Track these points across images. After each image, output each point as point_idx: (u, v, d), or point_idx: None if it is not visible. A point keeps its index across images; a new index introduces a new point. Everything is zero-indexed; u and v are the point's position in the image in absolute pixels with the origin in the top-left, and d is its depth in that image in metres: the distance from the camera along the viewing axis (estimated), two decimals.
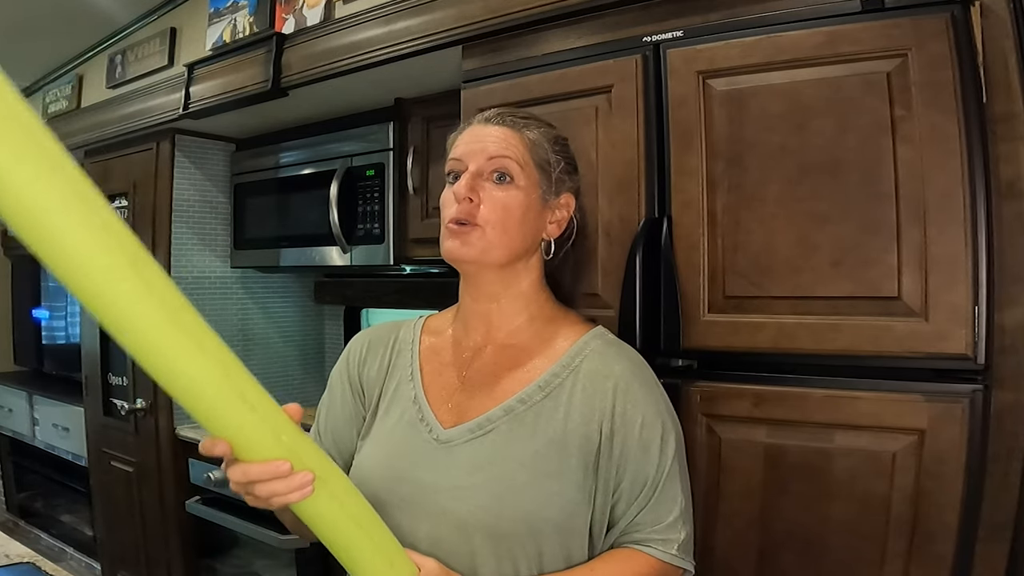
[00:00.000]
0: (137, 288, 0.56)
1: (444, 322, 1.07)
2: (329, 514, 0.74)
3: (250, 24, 2.15)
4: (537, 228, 0.98)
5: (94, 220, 0.53)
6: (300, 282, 2.81)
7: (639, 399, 0.92)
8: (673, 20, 1.27)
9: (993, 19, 1.06)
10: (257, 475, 0.68)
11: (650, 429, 0.92)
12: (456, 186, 0.94)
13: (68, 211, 0.51)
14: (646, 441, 0.91)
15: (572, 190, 1.02)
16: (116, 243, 0.54)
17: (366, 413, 1.03)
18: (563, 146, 1.02)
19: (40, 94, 3.14)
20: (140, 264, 0.56)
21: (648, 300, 1.22)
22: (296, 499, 0.70)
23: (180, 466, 2.41)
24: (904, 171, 1.05)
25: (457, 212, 0.93)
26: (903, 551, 1.05)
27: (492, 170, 0.95)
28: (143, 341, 0.58)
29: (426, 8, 1.62)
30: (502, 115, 0.99)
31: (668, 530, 0.91)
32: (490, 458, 0.90)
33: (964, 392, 1.02)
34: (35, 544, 3.31)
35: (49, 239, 0.51)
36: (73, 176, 0.52)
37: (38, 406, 3.38)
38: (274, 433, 0.68)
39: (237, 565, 2.37)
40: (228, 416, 0.64)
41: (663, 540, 0.91)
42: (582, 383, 0.93)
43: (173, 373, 0.60)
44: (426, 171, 2.01)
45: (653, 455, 0.91)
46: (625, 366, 0.95)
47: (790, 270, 1.13)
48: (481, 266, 0.95)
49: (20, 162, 0.48)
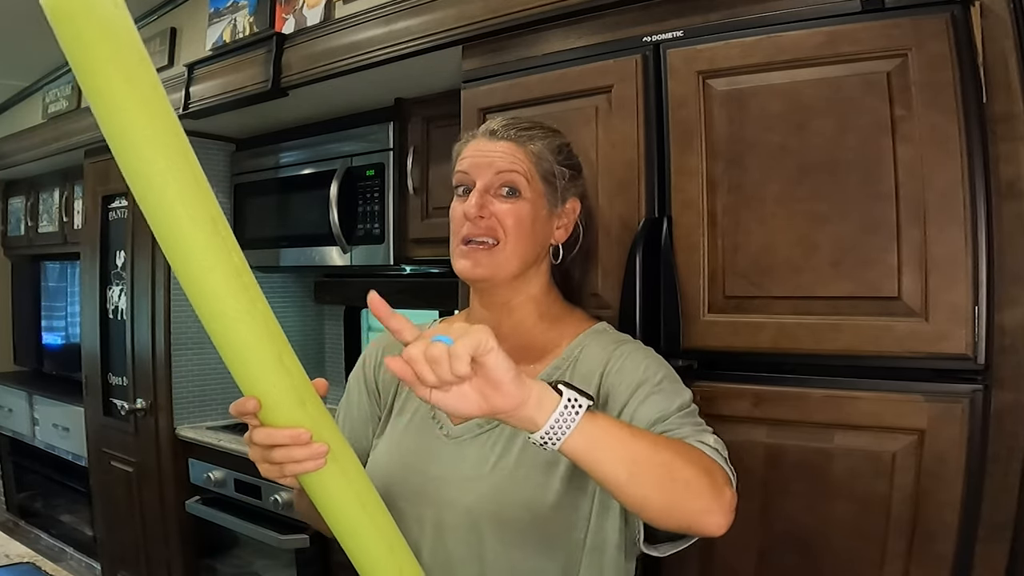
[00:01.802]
0: (213, 241, 0.64)
1: (457, 325, 1.08)
2: (336, 490, 0.76)
3: (250, 24, 2.15)
4: (545, 236, 1.02)
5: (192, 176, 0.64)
6: (300, 282, 2.81)
7: (639, 355, 0.96)
8: (673, 20, 1.27)
9: (993, 19, 1.06)
10: (280, 439, 0.71)
11: (654, 370, 0.93)
12: (466, 205, 0.97)
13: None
14: (651, 377, 0.91)
15: (577, 195, 1.06)
16: (205, 197, 0.65)
17: (381, 414, 1.07)
18: (567, 154, 1.04)
19: (40, 94, 3.14)
20: (218, 222, 0.65)
21: (648, 300, 1.22)
22: (310, 468, 0.72)
23: (180, 466, 2.41)
24: (904, 171, 1.05)
25: (468, 231, 0.96)
26: (903, 551, 1.05)
27: (500, 184, 0.97)
28: (206, 290, 0.65)
29: (426, 8, 1.62)
30: (507, 128, 1.00)
31: (702, 434, 0.86)
32: (495, 451, 0.94)
33: (964, 392, 1.02)
34: (35, 544, 3.31)
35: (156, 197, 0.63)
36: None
37: (38, 406, 3.38)
38: (300, 400, 0.71)
39: (237, 565, 2.37)
40: (265, 375, 0.69)
41: (696, 436, 0.85)
42: (580, 369, 0.97)
43: (224, 324, 0.66)
44: (426, 171, 2.01)
45: (662, 385, 0.91)
46: (621, 345, 0.98)
47: (790, 270, 1.13)
48: (495, 281, 0.99)
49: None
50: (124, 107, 0.61)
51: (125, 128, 0.61)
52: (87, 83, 0.61)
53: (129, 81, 0.61)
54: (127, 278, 2.58)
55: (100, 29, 0.60)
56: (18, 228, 3.67)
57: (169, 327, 2.43)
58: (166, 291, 2.43)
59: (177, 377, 2.46)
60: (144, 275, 2.48)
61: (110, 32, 0.60)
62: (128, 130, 0.61)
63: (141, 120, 0.61)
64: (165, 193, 0.63)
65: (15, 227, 3.71)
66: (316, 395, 0.74)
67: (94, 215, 2.74)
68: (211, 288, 0.65)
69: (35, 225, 3.52)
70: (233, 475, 2.24)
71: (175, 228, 0.63)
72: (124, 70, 0.61)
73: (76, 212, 3.13)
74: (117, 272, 2.65)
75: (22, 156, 3.20)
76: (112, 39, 0.61)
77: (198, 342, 2.51)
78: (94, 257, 2.75)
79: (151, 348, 2.46)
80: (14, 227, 3.72)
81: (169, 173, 0.63)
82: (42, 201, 3.47)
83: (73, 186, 3.17)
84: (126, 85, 0.61)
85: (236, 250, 0.67)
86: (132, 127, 0.61)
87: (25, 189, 3.58)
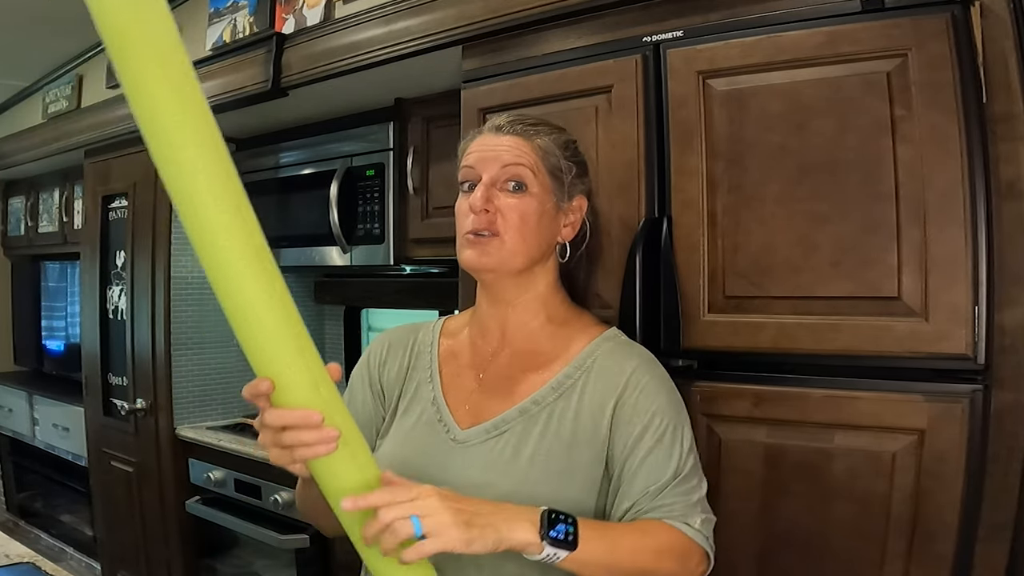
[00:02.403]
0: (235, 222, 0.67)
1: (461, 324, 1.09)
2: (346, 476, 0.76)
3: (250, 24, 2.15)
4: (552, 232, 1.00)
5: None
6: (300, 282, 2.81)
7: (651, 389, 0.94)
8: (673, 20, 1.27)
9: (993, 19, 1.06)
10: (291, 420, 0.72)
11: (663, 416, 0.93)
12: (472, 197, 0.96)
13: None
14: (658, 427, 0.92)
15: (584, 192, 1.04)
16: (228, 169, 0.69)
17: (385, 413, 1.06)
18: (573, 150, 1.04)
19: (40, 94, 3.14)
20: (243, 208, 0.69)
21: (648, 300, 1.22)
22: (321, 452, 0.73)
23: (180, 466, 2.41)
24: (904, 171, 1.05)
25: (475, 223, 0.95)
26: (903, 551, 1.05)
27: (506, 179, 0.96)
28: (226, 265, 0.68)
29: (426, 8, 1.62)
30: (513, 123, 1.00)
31: (690, 511, 0.90)
32: (503, 458, 0.93)
33: (964, 392, 1.02)
34: (35, 544, 3.31)
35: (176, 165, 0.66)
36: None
37: (38, 406, 3.38)
38: (314, 383, 0.73)
39: (237, 565, 2.37)
40: (279, 355, 0.71)
41: (684, 515, 0.90)
42: (593, 381, 0.96)
43: (242, 302, 0.69)
44: (426, 171, 2.01)
45: (668, 442, 0.92)
46: (637, 362, 0.97)
47: (790, 270, 1.13)
48: (500, 274, 0.98)
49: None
50: (156, 93, 0.65)
51: (156, 113, 0.65)
52: (122, 67, 0.65)
53: (163, 66, 0.65)
54: (127, 278, 2.58)
55: (135, 15, 0.64)
56: (18, 228, 3.67)
57: (169, 327, 2.43)
58: (166, 291, 2.43)
59: (177, 377, 2.46)
60: (144, 275, 2.49)
61: (146, 19, 0.65)
62: (159, 115, 0.65)
63: (172, 105, 0.65)
64: (195, 179, 0.67)
65: (15, 227, 3.71)
66: (330, 379, 0.75)
67: (94, 215, 2.74)
68: (230, 267, 0.68)
69: (35, 225, 3.52)
70: (233, 475, 2.24)
71: (199, 206, 0.67)
72: (158, 56, 0.65)
73: (76, 212, 3.13)
74: (117, 272, 2.65)
75: (22, 156, 3.20)
76: (147, 26, 0.65)
77: (198, 342, 2.51)
78: (94, 257, 2.75)
79: (151, 348, 2.46)
80: (14, 227, 3.73)
81: (199, 160, 0.66)
82: (42, 201, 3.48)
83: (73, 186, 3.18)
84: (159, 70, 0.65)
85: (258, 233, 0.70)
86: (163, 112, 0.65)
87: (25, 189, 3.58)
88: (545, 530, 0.79)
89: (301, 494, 1.00)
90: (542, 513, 0.81)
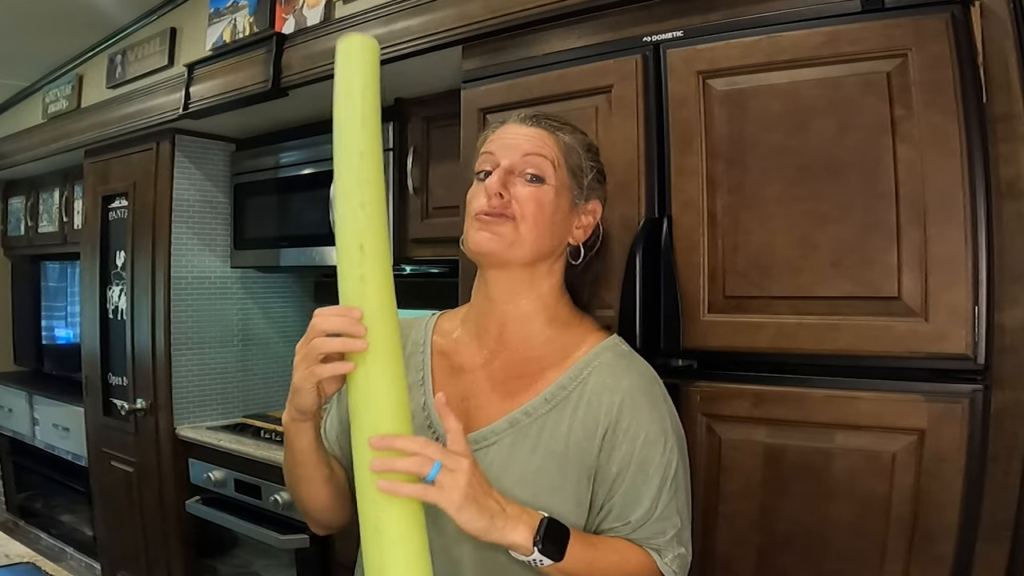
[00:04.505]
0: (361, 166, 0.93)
1: (455, 323, 1.05)
2: (376, 385, 0.83)
3: (250, 24, 2.15)
4: (564, 230, 0.97)
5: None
6: (300, 282, 2.81)
7: (644, 415, 0.91)
8: (673, 20, 1.27)
9: (993, 19, 1.06)
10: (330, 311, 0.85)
11: (652, 447, 0.90)
12: (488, 181, 0.93)
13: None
14: (645, 457, 0.90)
15: (600, 199, 1.02)
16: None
17: None
18: (595, 154, 1.02)
19: (40, 94, 3.14)
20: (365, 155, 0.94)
21: (648, 300, 1.22)
22: (350, 348, 0.84)
23: (180, 466, 2.41)
24: (904, 171, 1.05)
25: (488, 205, 0.92)
26: (903, 551, 1.05)
27: (526, 168, 0.93)
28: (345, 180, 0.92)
29: (426, 8, 1.62)
30: (538, 117, 0.98)
31: (666, 547, 0.90)
32: (490, 473, 0.88)
33: (964, 392, 1.02)
34: (35, 544, 3.31)
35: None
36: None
37: (38, 406, 3.38)
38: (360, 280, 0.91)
39: (237, 565, 2.37)
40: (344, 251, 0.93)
41: (660, 548, 0.90)
42: (588, 396, 0.92)
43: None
44: (426, 171, 2.01)
45: (652, 474, 0.90)
46: (633, 380, 0.93)
47: (790, 270, 1.13)
48: (506, 261, 0.93)
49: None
50: (352, 125, 0.94)
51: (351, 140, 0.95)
52: (341, 101, 0.92)
53: (364, 100, 0.92)
54: (127, 278, 2.58)
55: (364, 72, 0.94)
56: (18, 228, 3.67)
57: (169, 327, 2.43)
58: (166, 291, 2.44)
59: (177, 377, 2.46)
60: (144, 275, 2.49)
61: (368, 71, 0.93)
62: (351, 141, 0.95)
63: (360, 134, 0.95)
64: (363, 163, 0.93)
65: (15, 227, 3.71)
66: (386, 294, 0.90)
67: (94, 215, 2.74)
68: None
69: (35, 225, 3.52)
70: (233, 475, 2.24)
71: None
72: (364, 100, 0.93)
73: (76, 212, 3.13)
74: (117, 272, 2.65)
75: (22, 156, 3.20)
76: (367, 76, 0.93)
77: (198, 342, 2.52)
78: (94, 257, 2.75)
79: (151, 348, 2.46)
80: (14, 227, 3.72)
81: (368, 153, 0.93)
82: (42, 201, 3.47)
83: (73, 186, 3.18)
84: (362, 104, 0.93)
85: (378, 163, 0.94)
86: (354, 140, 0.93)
87: (25, 189, 3.58)
88: (540, 538, 0.81)
89: (292, 472, 0.95)
90: (541, 521, 0.82)
